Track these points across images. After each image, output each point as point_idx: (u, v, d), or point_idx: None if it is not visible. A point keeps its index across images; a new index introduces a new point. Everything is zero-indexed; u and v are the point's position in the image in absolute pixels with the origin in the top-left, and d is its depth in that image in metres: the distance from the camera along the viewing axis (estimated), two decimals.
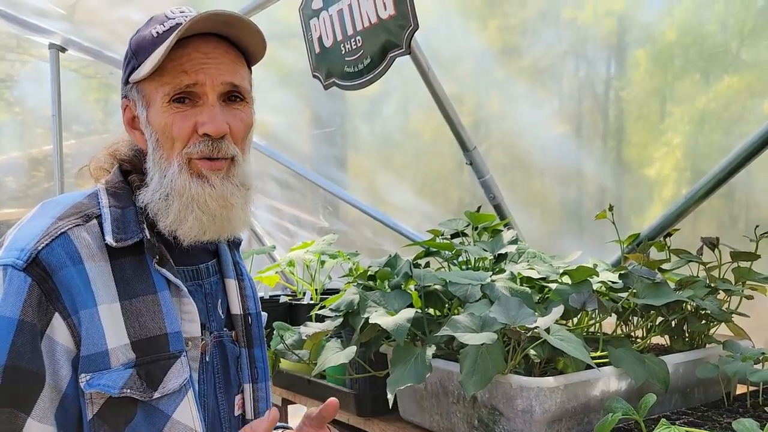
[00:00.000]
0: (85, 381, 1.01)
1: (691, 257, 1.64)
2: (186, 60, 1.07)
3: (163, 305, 1.08)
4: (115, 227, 1.07)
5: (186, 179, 1.09)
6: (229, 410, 1.23)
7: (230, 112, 1.12)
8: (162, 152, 1.11)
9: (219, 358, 1.22)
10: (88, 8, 2.99)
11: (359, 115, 3.18)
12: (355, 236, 3.46)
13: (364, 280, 1.72)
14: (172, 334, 1.08)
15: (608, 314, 1.49)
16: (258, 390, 1.28)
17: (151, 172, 1.13)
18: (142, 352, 1.05)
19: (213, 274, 1.25)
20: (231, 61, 1.12)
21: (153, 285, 1.09)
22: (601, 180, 2.36)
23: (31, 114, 4.13)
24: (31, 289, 0.98)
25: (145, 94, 1.12)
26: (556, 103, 2.42)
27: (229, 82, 1.11)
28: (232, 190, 1.12)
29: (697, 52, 1.95)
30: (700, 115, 2.02)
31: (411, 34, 1.76)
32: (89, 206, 1.10)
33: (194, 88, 1.08)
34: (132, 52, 1.13)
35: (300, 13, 2.08)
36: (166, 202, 1.10)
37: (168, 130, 1.09)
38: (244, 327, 1.27)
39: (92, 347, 1.01)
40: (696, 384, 1.53)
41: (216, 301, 1.24)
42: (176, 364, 1.08)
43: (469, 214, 1.86)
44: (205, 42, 1.09)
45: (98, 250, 1.06)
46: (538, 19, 2.33)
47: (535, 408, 1.29)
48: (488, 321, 1.32)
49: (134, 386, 1.03)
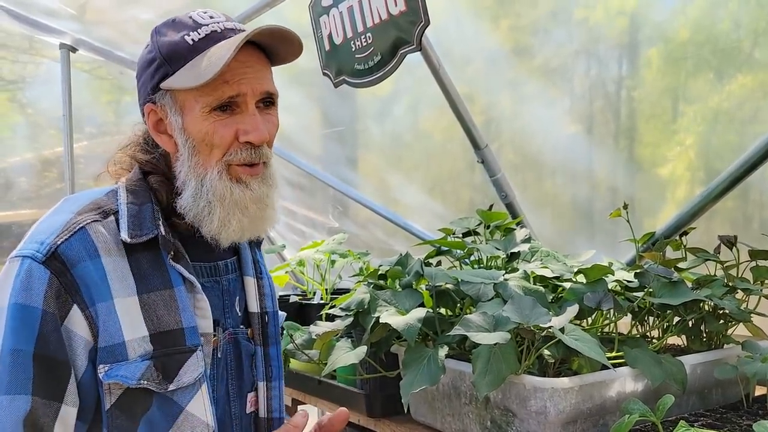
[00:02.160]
0: (104, 372, 1.04)
1: (708, 256, 1.61)
2: (227, 69, 1.07)
3: (179, 300, 1.12)
4: (131, 224, 1.10)
5: (226, 185, 1.13)
6: (240, 407, 1.25)
7: (266, 118, 1.15)
8: (199, 158, 1.13)
9: (233, 355, 1.25)
10: (98, 8, 2.99)
11: (370, 115, 3.16)
12: (366, 236, 3.44)
13: (374, 279, 1.70)
14: (188, 329, 1.12)
15: (624, 314, 1.47)
16: (272, 388, 1.30)
17: (186, 177, 1.15)
18: (160, 344, 1.08)
19: (232, 272, 1.27)
20: (264, 67, 1.15)
21: (169, 280, 1.12)
22: (612, 180, 2.34)
23: (44, 115, 4.15)
24: (51, 282, 1.01)
25: (179, 100, 1.13)
26: (567, 102, 2.40)
27: (266, 90, 1.13)
28: (267, 191, 1.16)
29: (711, 51, 1.93)
30: (713, 115, 2.00)
31: (422, 30, 1.74)
32: (108, 203, 1.13)
33: (237, 98, 1.11)
34: (163, 57, 1.12)
35: (310, 10, 2.06)
36: (209, 208, 1.13)
37: (209, 138, 1.12)
38: (261, 325, 1.30)
39: (110, 339, 1.05)
40: (714, 385, 1.50)
41: (234, 298, 1.26)
42: (192, 358, 1.11)
43: (480, 212, 1.83)
44: (240, 50, 1.09)
45: (115, 246, 1.09)
46: (549, 19, 2.31)
47: (549, 409, 1.27)
48: (501, 320, 1.30)
49: (151, 378, 1.07)
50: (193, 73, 1.08)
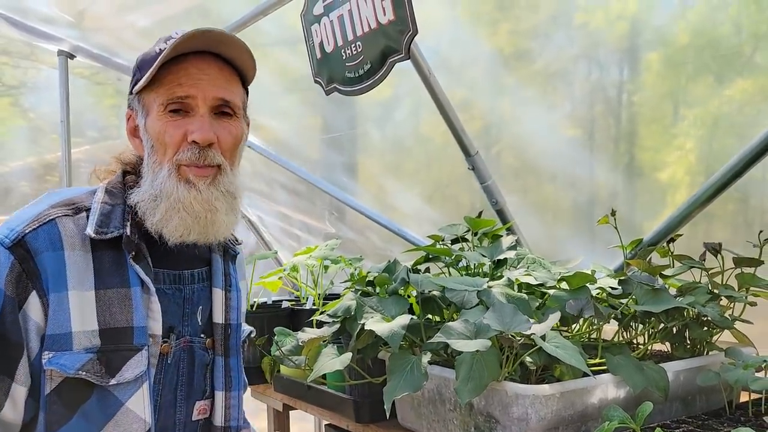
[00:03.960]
0: (47, 358, 1.11)
1: (693, 263, 1.61)
2: (183, 74, 1.18)
3: (133, 299, 1.17)
4: (99, 221, 1.17)
5: (174, 183, 1.18)
6: (186, 414, 1.29)
7: (220, 124, 1.22)
8: (156, 157, 1.21)
9: (186, 362, 1.28)
10: (96, 15, 3.01)
11: (369, 120, 3.17)
12: (363, 242, 3.44)
13: (362, 286, 1.71)
14: (138, 328, 1.17)
15: (606, 321, 1.47)
16: (231, 398, 1.33)
17: (145, 175, 1.22)
18: (108, 340, 1.14)
19: (199, 281, 1.31)
20: (225, 78, 1.23)
21: (128, 279, 1.17)
22: (613, 184, 2.34)
23: (45, 120, 4.17)
24: (13, 266, 1.09)
25: (144, 103, 1.22)
26: (567, 107, 2.39)
27: (220, 97, 1.21)
28: (217, 195, 1.21)
29: (711, 55, 1.92)
30: (713, 119, 1.99)
31: (410, 39, 1.75)
32: (84, 200, 1.21)
33: (187, 100, 1.19)
34: (137, 66, 1.24)
35: (302, 18, 2.08)
36: (154, 203, 1.19)
37: (161, 137, 1.19)
38: (224, 336, 1.33)
39: (57, 328, 1.11)
40: (697, 392, 1.50)
41: (196, 307, 1.30)
42: (136, 357, 1.16)
43: (468, 219, 1.84)
44: (201, 59, 1.20)
45: (80, 241, 1.15)
46: (549, 23, 2.31)
47: (531, 416, 1.27)
48: (482, 328, 1.30)
49: (91, 370, 1.12)
50: (147, 75, 1.17)
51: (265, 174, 3.68)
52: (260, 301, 2.49)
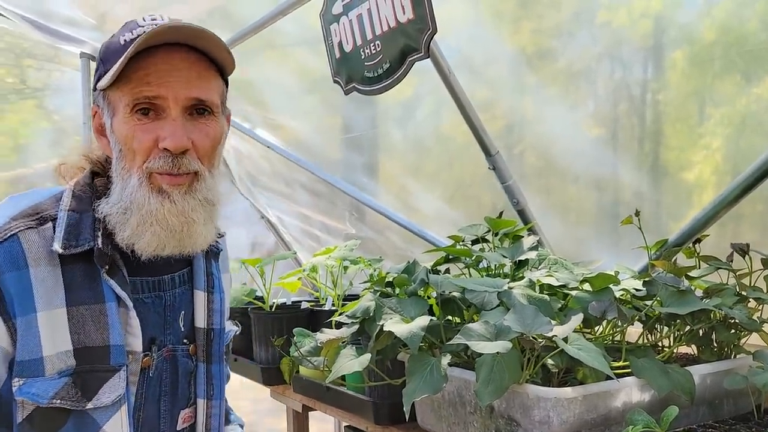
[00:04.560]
0: (17, 386, 1.03)
1: (719, 264, 1.58)
2: (152, 71, 1.06)
3: (109, 316, 1.08)
4: (66, 234, 1.07)
5: (146, 193, 1.08)
6: (170, 424, 1.22)
7: (195, 126, 1.10)
8: (124, 163, 1.10)
9: (169, 372, 1.21)
10: (118, 17, 3.04)
11: (390, 120, 3.16)
12: (383, 242, 3.44)
13: (381, 287, 1.70)
14: (115, 347, 1.08)
15: (630, 323, 1.44)
16: (212, 407, 1.26)
17: (114, 182, 1.12)
18: (83, 360, 1.06)
19: (180, 285, 1.23)
20: (198, 74, 1.10)
21: (102, 294, 1.08)
22: (637, 185, 2.30)
23: (69, 122, 4.22)
24: None
25: (110, 101, 1.10)
26: (591, 106, 2.37)
27: (194, 96, 1.09)
28: (194, 205, 1.10)
29: (738, 53, 1.89)
30: (740, 118, 1.95)
31: (430, 37, 1.74)
32: (48, 207, 1.10)
33: (157, 101, 1.07)
34: (100, 58, 1.12)
35: (321, 18, 2.07)
36: (124, 216, 1.09)
37: (129, 142, 1.08)
38: (206, 342, 1.25)
39: (27, 354, 1.02)
40: (724, 396, 1.47)
41: (178, 313, 1.22)
42: (113, 378, 1.08)
43: (488, 219, 1.82)
44: (172, 52, 1.07)
45: (47, 255, 1.05)
46: (572, 21, 2.29)
47: (553, 419, 1.25)
48: (503, 329, 1.28)
49: (66, 396, 1.04)
50: (112, 71, 1.06)
51: (285, 174, 3.68)
52: (279, 302, 2.48)
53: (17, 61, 4.06)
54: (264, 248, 4.30)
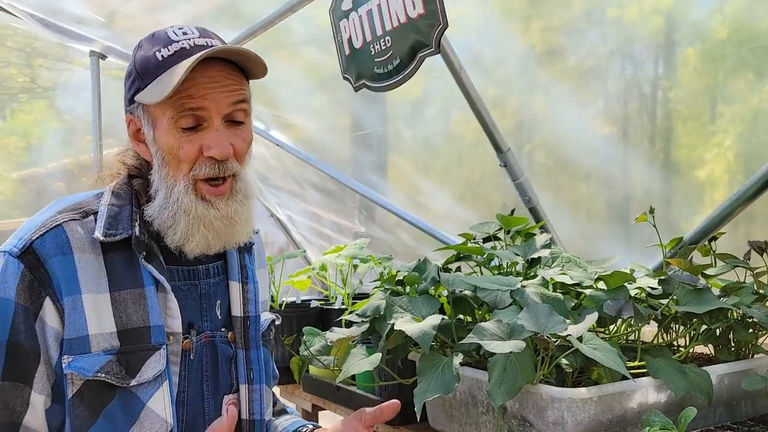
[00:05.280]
0: (67, 362, 1.11)
1: (737, 262, 1.55)
2: (192, 85, 1.13)
3: (148, 299, 1.17)
4: (107, 224, 1.16)
5: (192, 200, 1.17)
6: (215, 409, 1.28)
7: (234, 133, 1.19)
8: (168, 170, 1.19)
9: (209, 357, 1.28)
10: (127, 15, 3.05)
11: (400, 119, 3.15)
12: (393, 241, 3.43)
13: (392, 285, 1.68)
14: (155, 327, 1.17)
15: (646, 322, 1.42)
16: (253, 391, 1.32)
17: (157, 186, 1.21)
18: (126, 341, 1.14)
19: (215, 276, 1.31)
20: (234, 83, 1.18)
21: (141, 279, 1.17)
22: (649, 183, 2.29)
23: (81, 121, 4.24)
24: (23, 275, 1.09)
25: (150, 113, 1.18)
26: (601, 104, 2.35)
27: (234, 107, 1.17)
28: (236, 207, 1.20)
29: (750, 49, 1.87)
30: (752, 115, 1.93)
31: (440, 33, 1.72)
32: (91, 204, 1.20)
33: (199, 112, 1.15)
34: (137, 71, 1.19)
35: (330, 14, 2.05)
36: (173, 219, 1.18)
37: (175, 152, 1.17)
38: (243, 329, 1.32)
39: (75, 331, 1.11)
40: (743, 396, 1.44)
41: (214, 301, 1.30)
42: (154, 356, 1.16)
43: (500, 217, 1.80)
44: (209, 66, 1.14)
45: (90, 244, 1.15)
46: (582, 19, 2.27)
47: (567, 420, 1.23)
48: (516, 328, 1.27)
49: (111, 371, 1.12)
50: (157, 89, 1.14)
51: (295, 173, 3.68)
52: (289, 300, 2.48)
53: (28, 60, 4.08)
54: (275, 246, 4.30)
